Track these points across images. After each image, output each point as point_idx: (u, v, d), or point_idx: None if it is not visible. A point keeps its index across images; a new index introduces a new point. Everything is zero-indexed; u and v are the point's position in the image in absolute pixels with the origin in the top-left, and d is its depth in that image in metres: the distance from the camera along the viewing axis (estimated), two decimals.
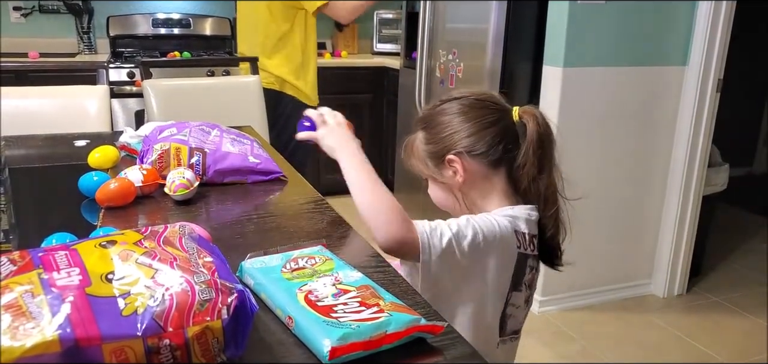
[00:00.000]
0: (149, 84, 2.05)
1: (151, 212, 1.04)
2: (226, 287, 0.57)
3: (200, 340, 0.54)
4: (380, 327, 0.61)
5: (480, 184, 0.97)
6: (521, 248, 0.92)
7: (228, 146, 1.22)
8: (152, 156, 1.16)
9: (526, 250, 0.93)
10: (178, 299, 0.54)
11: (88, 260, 0.58)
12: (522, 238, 0.93)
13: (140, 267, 0.58)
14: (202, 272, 0.59)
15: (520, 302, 0.96)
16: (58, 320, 0.50)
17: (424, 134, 1.00)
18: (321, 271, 0.73)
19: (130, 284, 0.55)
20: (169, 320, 0.53)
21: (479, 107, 0.96)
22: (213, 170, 1.18)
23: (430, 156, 0.98)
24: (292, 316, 0.65)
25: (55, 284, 0.54)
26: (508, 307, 0.95)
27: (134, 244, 0.63)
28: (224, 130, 1.28)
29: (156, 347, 0.52)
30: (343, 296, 0.67)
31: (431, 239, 0.85)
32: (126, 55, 3.34)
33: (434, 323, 0.65)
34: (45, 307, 0.51)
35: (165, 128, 1.23)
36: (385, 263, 0.86)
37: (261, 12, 2.41)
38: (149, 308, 0.53)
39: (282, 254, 0.78)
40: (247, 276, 0.75)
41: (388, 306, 0.65)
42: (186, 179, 1.07)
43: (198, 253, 0.64)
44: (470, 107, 0.97)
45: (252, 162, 1.22)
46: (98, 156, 1.24)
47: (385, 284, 0.73)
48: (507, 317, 0.96)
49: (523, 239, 0.93)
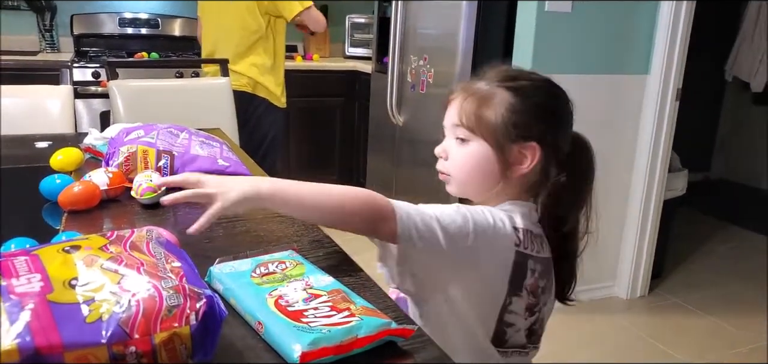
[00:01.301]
0: (115, 85, 2.00)
1: (117, 216, 1.02)
2: (194, 293, 0.57)
3: (167, 346, 0.53)
4: (351, 331, 0.61)
5: (521, 186, 0.89)
6: (520, 246, 0.85)
7: (197, 149, 1.20)
8: (119, 158, 1.14)
9: (526, 248, 0.85)
10: (145, 304, 0.53)
11: (50, 266, 0.56)
12: (523, 234, 0.85)
13: (105, 273, 0.57)
14: (170, 278, 0.58)
15: (520, 309, 0.87)
16: (16, 329, 0.48)
17: (514, 100, 0.87)
18: (291, 275, 0.73)
19: (95, 290, 0.54)
20: (136, 327, 0.52)
21: (568, 111, 0.91)
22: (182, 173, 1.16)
23: (511, 126, 0.86)
24: (261, 321, 0.64)
25: (14, 291, 0.52)
26: (507, 313, 0.86)
27: (99, 249, 0.61)
28: (193, 132, 1.26)
29: (121, 355, 0.51)
30: (314, 301, 0.67)
31: (410, 214, 0.77)
32: (91, 55, 3.26)
33: (405, 327, 0.65)
34: (3, 315, 0.49)
35: (132, 130, 1.20)
36: (357, 267, 0.86)
37: (236, 14, 2.39)
38: (115, 315, 0.52)
39: (252, 259, 0.77)
40: (216, 281, 0.74)
41: (359, 310, 0.65)
42: (153, 183, 1.05)
43: (166, 258, 0.63)
44: (561, 104, 0.91)
45: (221, 165, 1.21)
46: (61, 158, 1.21)
47: (356, 289, 0.73)
48: (506, 325, 0.87)
49: (525, 236, 0.85)
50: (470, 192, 0.93)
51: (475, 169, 0.89)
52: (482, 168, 0.88)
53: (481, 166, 0.89)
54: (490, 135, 0.87)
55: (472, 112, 0.88)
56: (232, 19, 2.41)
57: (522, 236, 0.85)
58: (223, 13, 2.43)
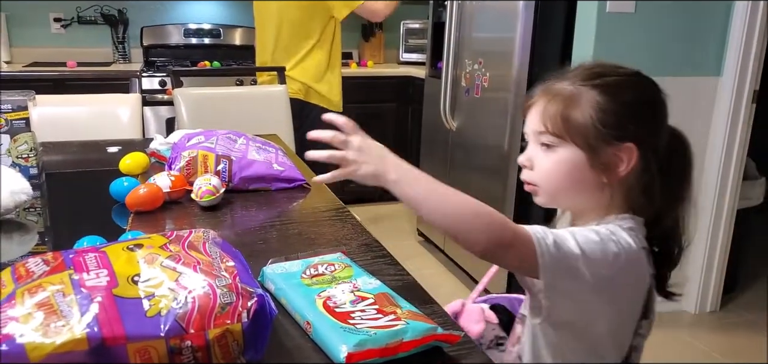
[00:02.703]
0: (180, 93, 2.10)
1: (178, 217, 1.07)
2: (246, 291, 0.59)
3: (221, 342, 0.56)
4: (397, 335, 0.62)
5: (626, 191, 0.82)
6: (653, 269, 0.81)
7: (253, 154, 1.24)
8: (180, 163, 1.19)
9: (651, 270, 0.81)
10: (200, 301, 0.56)
11: (116, 263, 0.60)
12: (647, 257, 0.80)
13: (165, 270, 0.60)
14: (224, 276, 0.61)
15: (647, 332, 0.85)
16: (86, 319, 0.52)
17: (602, 98, 0.80)
18: (340, 277, 0.74)
19: (155, 287, 0.57)
20: (191, 322, 0.54)
21: (663, 103, 0.84)
22: (239, 177, 1.20)
23: (602, 126, 0.79)
24: (310, 321, 0.66)
25: (85, 285, 0.56)
26: (636, 338, 0.83)
27: (160, 247, 0.65)
28: (250, 138, 1.31)
29: (178, 348, 0.54)
30: (361, 303, 0.68)
31: (546, 239, 0.72)
32: (158, 65, 3.43)
33: (451, 333, 0.65)
34: (75, 306, 0.53)
35: (193, 136, 1.26)
36: (405, 271, 0.86)
37: (290, 20, 2.44)
38: (172, 310, 0.55)
39: (302, 260, 0.80)
40: (268, 281, 0.77)
41: (405, 314, 0.66)
42: (212, 186, 1.10)
43: (221, 257, 0.66)
44: (656, 97, 0.83)
45: (276, 170, 1.24)
46: (129, 162, 1.28)
47: (403, 293, 0.74)
48: (633, 350, 0.84)
49: (649, 258, 0.80)
50: (562, 202, 0.88)
51: (566, 177, 0.82)
52: (574, 175, 0.81)
53: (572, 173, 0.81)
54: (580, 138, 0.80)
55: (557, 115, 0.81)
56: (285, 25, 2.47)
57: (648, 258, 0.81)
58: (277, 20, 2.49)
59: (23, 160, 1.15)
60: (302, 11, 2.42)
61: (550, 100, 0.83)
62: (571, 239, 0.74)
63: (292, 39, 2.47)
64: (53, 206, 1.15)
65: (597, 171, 0.81)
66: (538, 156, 0.84)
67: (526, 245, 0.72)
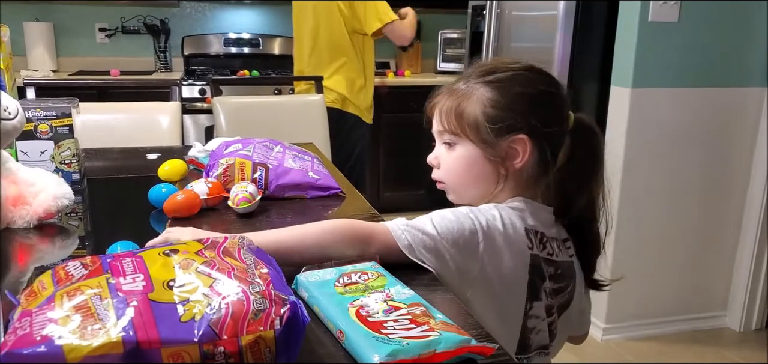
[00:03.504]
0: (219, 101, 2.14)
1: (214, 223, 1.08)
2: (279, 298, 0.59)
3: (253, 349, 0.55)
4: (430, 345, 0.61)
5: (522, 179, 0.86)
6: (533, 249, 0.82)
7: (290, 162, 1.25)
8: (218, 170, 1.21)
9: (540, 252, 0.83)
10: (234, 307, 0.56)
11: (152, 267, 0.61)
12: (533, 237, 0.82)
13: (199, 276, 0.60)
14: (258, 283, 0.61)
15: (542, 314, 0.86)
16: (122, 323, 0.52)
17: (492, 94, 0.85)
18: (373, 287, 0.74)
19: (190, 292, 0.58)
20: (225, 328, 0.54)
21: (557, 94, 0.87)
22: (275, 185, 1.21)
23: (493, 121, 0.84)
24: (342, 329, 0.65)
25: (121, 289, 0.57)
26: (530, 319, 0.84)
27: (195, 253, 0.65)
28: (287, 146, 1.32)
29: (211, 354, 0.54)
30: (394, 313, 0.67)
31: (400, 224, 0.79)
32: (198, 73, 3.52)
33: (485, 345, 0.64)
34: (111, 309, 0.54)
35: (231, 144, 1.28)
36: (438, 282, 0.85)
37: (326, 32, 2.47)
38: (206, 315, 0.55)
39: (336, 269, 0.79)
40: (301, 289, 0.77)
41: (438, 325, 0.64)
42: (249, 193, 1.11)
43: (255, 264, 0.66)
44: (548, 89, 0.86)
45: (312, 178, 1.25)
46: (168, 169, 1.31)
47: (436, 304, 0.73)
48: (530, 331, 0.85)
49: (535, 238, 0.83)
50: (469, 197, 0.90)
51: (466, 172, 0.88)
52: (474, 170, 0.86)
53: (472, 168, 0.87)
54: (473, 133, 0.85)
55: (451, 113, 0.87)
56: (322, 37, 2.50)
57: (533, 238, 0.83)
58: (314, 31, 2.52)
59: (66, 165, 1.18)
60: (337, 24, 2.45)
61: (447, 100, 0.89)
62: (427, 221, 0.80)
63: (327, 50, 2.50)
64: (94, 210, 1.18)
65: (495, 164, 0.85)
66: (442, 154, 0.91)
67: (384, 234, 0.79)
